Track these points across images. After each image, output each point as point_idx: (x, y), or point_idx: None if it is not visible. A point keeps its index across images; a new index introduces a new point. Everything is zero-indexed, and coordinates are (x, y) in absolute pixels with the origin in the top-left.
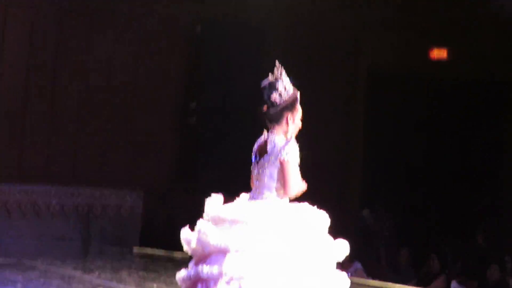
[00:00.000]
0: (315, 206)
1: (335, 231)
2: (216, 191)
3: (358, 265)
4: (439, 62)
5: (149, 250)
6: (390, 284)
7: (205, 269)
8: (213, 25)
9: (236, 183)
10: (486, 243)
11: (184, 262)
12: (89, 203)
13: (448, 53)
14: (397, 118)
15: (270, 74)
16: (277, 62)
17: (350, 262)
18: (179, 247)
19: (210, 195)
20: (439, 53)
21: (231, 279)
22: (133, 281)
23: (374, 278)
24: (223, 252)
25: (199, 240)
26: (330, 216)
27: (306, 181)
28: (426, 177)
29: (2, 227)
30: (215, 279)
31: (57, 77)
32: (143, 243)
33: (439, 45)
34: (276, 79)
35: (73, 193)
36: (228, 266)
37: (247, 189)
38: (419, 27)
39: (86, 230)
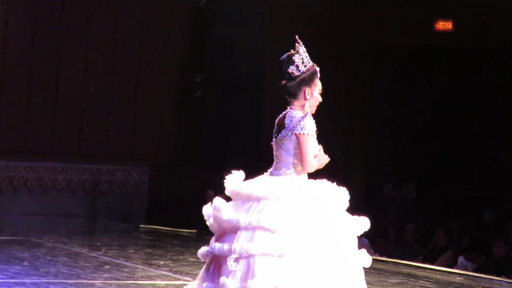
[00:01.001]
0: (334, 183)
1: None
2: (221, 166)
3: (365, 240)
4: (443, 32)
5: (155, 227)
6: (396, 260)
7: (217, 246)
8: None
9: (240, 157)
10: (492, 218)
11: (190, 239)
12: (96, 180)
13: (453, 25)
14: (403, 90)
15: (292, 50)
16: (296, 37)
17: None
18: (185, 224)
19: (215, 170)
20: (444, 25)
21: (240, 256)
22: (139, 258)
23: (381, 254)
24: (235, 229)
25: (214, 217)
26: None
27: (328, 155)
28: (432, 149)
29: (9, 204)
30: (227, 256)
31: (61, 55)
32: (149, 220)
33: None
34: (294, 53)
35: (79, 170)
36: (238, 243)
37: (252, 164)
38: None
39: (92, 207)
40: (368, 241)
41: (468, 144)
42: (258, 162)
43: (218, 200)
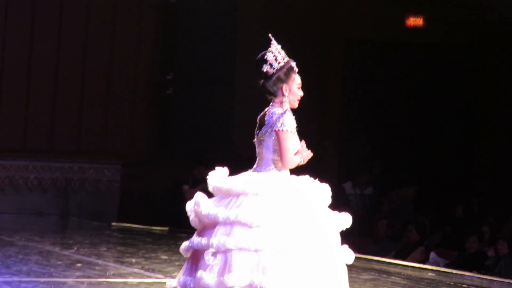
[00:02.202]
0: (317, 179)
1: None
2: (193, 163)
3: None
4: (414, 29)
5: (127, 225)
6: (368, 256)
7: (196, 240)
8: None
9: (213, 154)
10: (465, 214)
11: (162, 236)
12: (67, 178)
13: (424, 20)
14: (374, 86)
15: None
16: (270, 35)
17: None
18: (157, 222)
19: (187, 167)
20: (415, 21)
21: (218, 251)
22: (111, 256)
23: (353, 251)
24: (214, 223)
25: (195, 211)
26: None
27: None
28: (403, 145)
29: None
30: (204, 250)
31: (32, 53)
32: (122, 218)
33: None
34: (267, 51)
35: (51, 167)
36: (216, 237)
37: (225, 160)
38: None
39: (64, 205)
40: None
41: (440, 139)
42: (231, 159)
43: (199, 195)
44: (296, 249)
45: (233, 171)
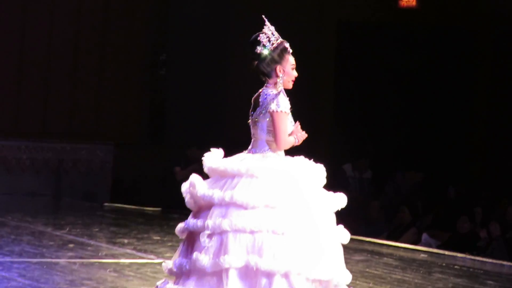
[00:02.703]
0: (311, 160)
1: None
2: (185, 144)
3: None
4: (407, 9)
5: (119, 205)
6: (361, 237)
7: (191, 222)
8: None
9: (207, 135)
10: (456, 195)
11: (155, 217)
12: (60, 158)
13: (417, 1)
14: (368, 68)
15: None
16: (263, 17)
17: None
18: (149, 202)
19: (179, 149)
20: (408, 2)
21: (213, 233)
22: (104, 236)
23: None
24: (210, 205)
25: (190, 193)
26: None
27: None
28: (398, 128)
29: None
30: (200, 232)
31: (25, 35)
32: (114, 198)
33: None
34: (260, 33)
35: (44, 148)
36: (211, 219)
37: (218, 142)
38: None
39: (57, 186)
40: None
41: (433, 122)
42: (224, 140)
43: (194, 177)
44: (291, 230)
45: (227, 153)
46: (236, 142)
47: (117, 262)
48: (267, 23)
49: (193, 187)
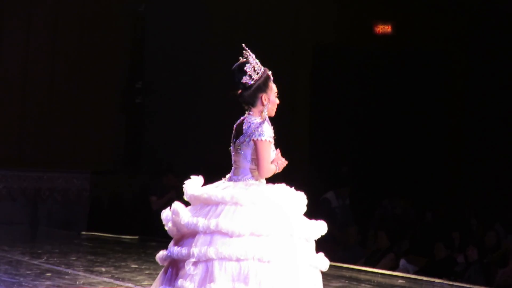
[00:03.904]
0: (293, 187)
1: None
2: (161, 171)
3: None
4: (383, 36)
5: (97, 234)
6: (338, 263)
7: (175, 250)
8: (157, 3)
9: (183, 163)
10: (434, 219)
11: (132, 245)
12: (37, 187)
13: (392, 28)
14: (344, 92)
15: (241, 58)
16: (243, 45)
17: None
18: (127, 230)
19: (156, 176)
20: (383, 28)
21: (199, 260)
22: (81, 265)
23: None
24: (194, 233)
25: (172, 221)
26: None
27: (285, 158)
28: (373, 150)
29: None
30: (184, 260)
31: (0, 61)
32: (91, 227)
33: (383, 19)
34: (245, 62)
35: (20, 177)
36: (196, 247)
37: (194, 169)
38: (361, 2)
39: (33, 214)
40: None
41: (409, 146)
42: (199, 167)
43: (177, 204)
44: (276, 258)
45: (204, 180)
46: (213, 169)
47: None
48: (249, 51)
49: (177, 215)
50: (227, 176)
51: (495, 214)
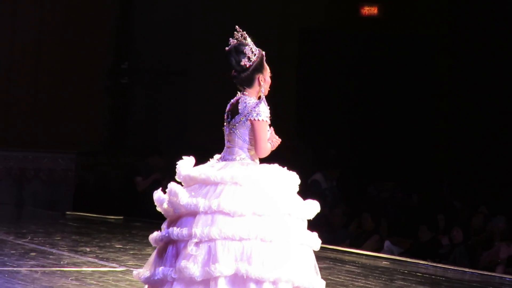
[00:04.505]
0: (285, 167)
1: None
2: (147, 152)
3: None
4: (369, 18)
5: (82, 214)
6: (323, 245)
7: (175, 231)
8: None
9: (169, 144)
10: (419, 201)
11: (117, 225)
12: (22, 167)
13: (378, 9)
14: (330, 76)
15: (231, 38)
16: (237, 27)
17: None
18: (112, 211)
19: (141, 157)
20: (369, 10)
21: (201, 241)
22: (66, 245)
23: None
24: (193, 213)
25: (169, 202)
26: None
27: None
28: (359, 134)
29: None
30: (185, 240)
31: None
32: (76, 207)
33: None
34: (241, 44)
35: (5, 157)
36: (198, 227)
37: (179, 150)
38: None
39: (19, 194)
40: None
41: (395, 128)
42: (185, 148)
43: (174, 185)
44: (278, 238)
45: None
46: (199, 149)
47: (79, 270)
48: (242, 32)
49: (175, 196)
50: (216, 156)
51: (480, 196)
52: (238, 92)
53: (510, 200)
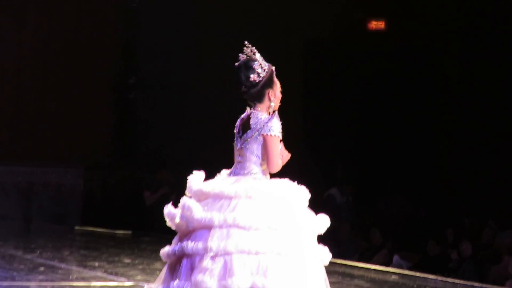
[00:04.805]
0: (295, 182)
1: None
2: (155, 166)
3: None
4: (376, 32)
5: (90, 228)
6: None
7: (190, 245)
8: None
9: (176, 158)
10: (428, 216)
11: (125, 240)
12: (30, 181)
13: (385, 24)
14: (336, 88)
15: (240, 54)
16: (246, 42)
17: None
18: (120, 225)
19: (149, 171)
20: (376, 24)
21: (217, 254)
22: (74, 259)
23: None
24: (207, 227)
25: (183, 216)
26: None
27: (289, 152)
28: (369, 147)
29: None
30: (201, 254)
31: None
32: (85, 221)
33: (376, 16)
34: (250, 59)
35: (14, 172)
36: (213, 241)
37: (188, 164)
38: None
39: (27, 209)
40: None
41: (402, 142)
42: (193, 162)
43: (188, 200)
44: (293, 251)
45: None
46: (206, 164)
47: (88, 285)
48: (251, 47)
49: (189, 210)
50: (224, 171)
51: (488, 211)
52: (248, 108)
53: None
